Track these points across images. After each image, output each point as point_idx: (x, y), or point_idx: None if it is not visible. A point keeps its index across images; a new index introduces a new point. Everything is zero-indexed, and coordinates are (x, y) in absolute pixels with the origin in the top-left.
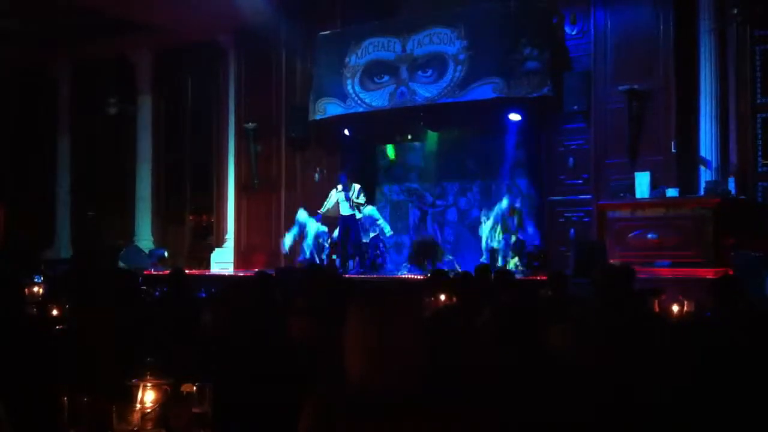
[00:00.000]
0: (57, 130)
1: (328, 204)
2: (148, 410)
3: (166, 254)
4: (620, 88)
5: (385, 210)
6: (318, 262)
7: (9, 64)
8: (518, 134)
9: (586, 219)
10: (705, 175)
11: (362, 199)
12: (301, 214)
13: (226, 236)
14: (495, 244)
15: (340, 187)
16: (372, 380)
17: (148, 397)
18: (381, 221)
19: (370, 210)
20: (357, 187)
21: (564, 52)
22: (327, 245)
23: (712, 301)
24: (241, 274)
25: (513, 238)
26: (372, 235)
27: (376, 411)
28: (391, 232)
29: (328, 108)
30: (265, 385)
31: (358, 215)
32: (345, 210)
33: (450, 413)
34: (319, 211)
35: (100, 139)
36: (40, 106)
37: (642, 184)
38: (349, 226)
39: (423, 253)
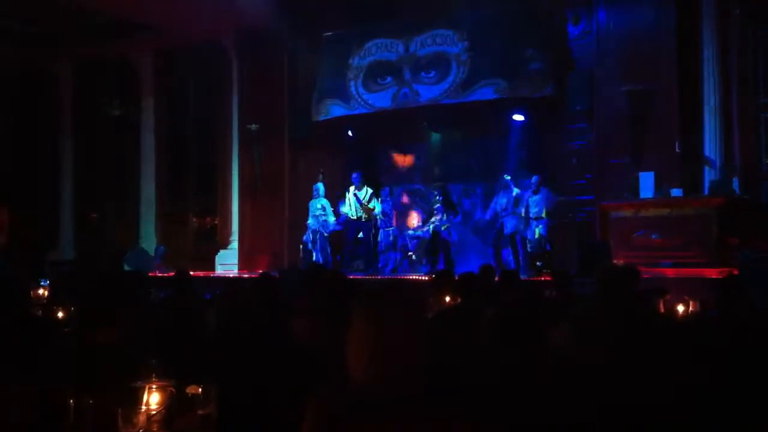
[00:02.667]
0: (60, 132)
1: (347, 205)
2: (154, 412)
3: (163, 248)
4: (623, 88)
5: None
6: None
7: (11, 65)
8: (521, 135)
9: (589, 219)
10: (709, 175)
11: (373, 204)
12: (321, 187)
13: (231, 238)
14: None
15: (352, 188)
16: (375, 381)
17: (153, 398)
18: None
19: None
20: (370, 191)
21: (567, 52)
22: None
23: (716, 301)
24: (246, 276)
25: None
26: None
27: (379, 411)
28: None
29: (332, 109)
30: (269, 385)
31: (365, 217)
32: (355, 212)
33: (452, 414)
34: (342, 211)
35: (103, 141)
36: (43, 107)
37: (645, 184)
38: (360, 227)
39: None
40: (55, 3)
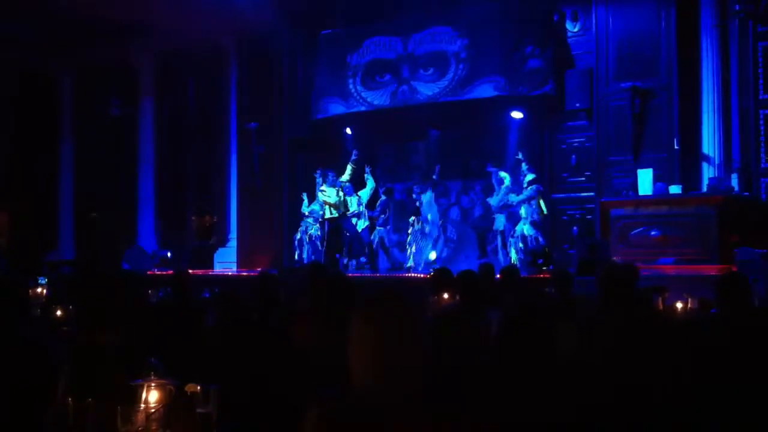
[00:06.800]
0: (60, 133)
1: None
2: (152, 410)
3: (169, 254)
4: (623, 85)
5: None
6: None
7: (12, 67)
8: (520, 132)
9: (588, 217)
10: (708, 172)
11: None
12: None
13: (229, 236)
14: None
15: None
16: (375, 381)
17: (152, 397)
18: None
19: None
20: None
21: (566, 49)
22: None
23: (716, 299)
24: (245, 275)
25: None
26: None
27: (380, 413)
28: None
29: (330, 107)
30: (268, 386)
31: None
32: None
33: (453, 415)
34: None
35: (103, 142)
36: (43, 109)
37: (645, 181)
38: (341, 224)
39: None
40: (55, 5)
